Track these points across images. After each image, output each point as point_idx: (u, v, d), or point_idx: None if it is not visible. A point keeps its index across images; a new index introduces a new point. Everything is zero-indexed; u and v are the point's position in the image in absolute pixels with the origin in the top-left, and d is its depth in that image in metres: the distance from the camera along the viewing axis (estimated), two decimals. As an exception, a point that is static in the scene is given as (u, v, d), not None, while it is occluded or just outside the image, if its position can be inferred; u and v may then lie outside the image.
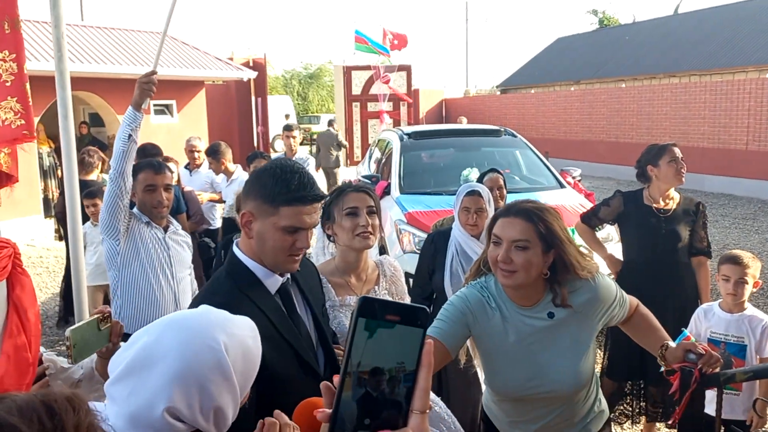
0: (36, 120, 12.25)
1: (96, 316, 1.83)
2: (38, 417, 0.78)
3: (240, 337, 1.22)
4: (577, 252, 2.07)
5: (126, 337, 3.31)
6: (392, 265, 2.75)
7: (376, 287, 2.63)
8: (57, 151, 12.80)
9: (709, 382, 2.22)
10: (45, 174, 12.84)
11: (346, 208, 2.48)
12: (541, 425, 2.15)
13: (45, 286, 7.81)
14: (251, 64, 18.20)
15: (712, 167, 14.57)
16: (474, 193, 3.43)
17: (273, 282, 1.85)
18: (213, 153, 6.19)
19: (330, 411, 0.77)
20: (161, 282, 3.34)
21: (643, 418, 3.98)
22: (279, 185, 1.75)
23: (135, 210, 3.38)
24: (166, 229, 3.46)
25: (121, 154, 3.13)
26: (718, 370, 2.17)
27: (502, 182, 4.10)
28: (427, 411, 0.79)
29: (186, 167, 6.79)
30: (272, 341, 1.73)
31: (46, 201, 12.60)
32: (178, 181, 5.73)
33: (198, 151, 6.54)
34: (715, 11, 23.11)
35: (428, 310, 0.79)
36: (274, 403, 1.72)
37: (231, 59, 17.24)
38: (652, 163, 3.80)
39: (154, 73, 3.32)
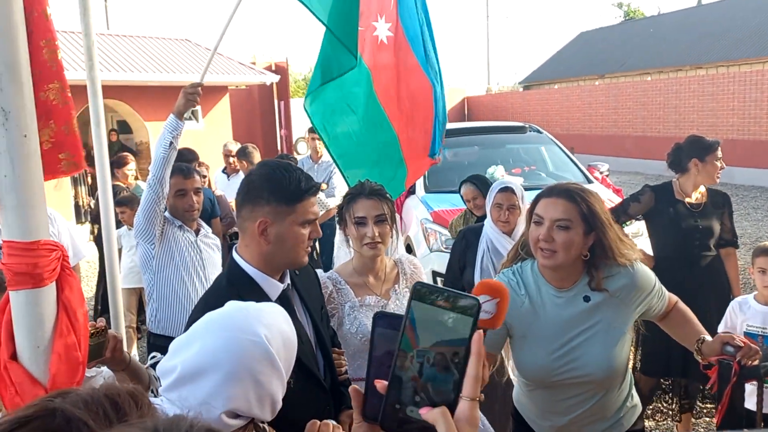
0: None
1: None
2: (104, 410, 0.80)
3: (277, 325, 1.26)
4: (618, 237, 2.08)
5: (161, 338, 3.36)
6: (412, 264, 2.73)
7: (396, 286, 2.61)
8: (87, 157, 13.02)
9: (749, 375, 2.19)
10: (75, 181, 13.08)
11: (354, 217, 2.48)
12: (573, 417, 2.13)
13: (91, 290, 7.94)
14: (273, 68, 18.31)
15: (742, 159, 14.31)
16: (507, 190, 3.42)
17: (273, 288, 1.86)
18: (241, 154, 6.39)
19: (386, 382, 0.82)
20: (195, 284, 3.38)
21: (685, 416, 3.91)
22: (291, 185, 1.80)
23: (167, 214, 3.43)
24: (197, 233, 3.51)
25: (162, 161, 3.16)
26: (757, 362, 2.15)
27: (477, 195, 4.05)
28: (477, 399, 0.81)
29: (223, 171, 6.90)
30: None
31: (77, 207, 12.84)
32: (209, 184, 5.83)
33: (234, 156, 6.62)
34: (740, 0, 22.70)
35: (479, 300, 0.83)
36: None
37: (253, 64, 17.37)
38: (698, 157, 3.72)
39: (200, 84, 3.37)
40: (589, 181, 6.65)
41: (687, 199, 3.75)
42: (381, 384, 0.82)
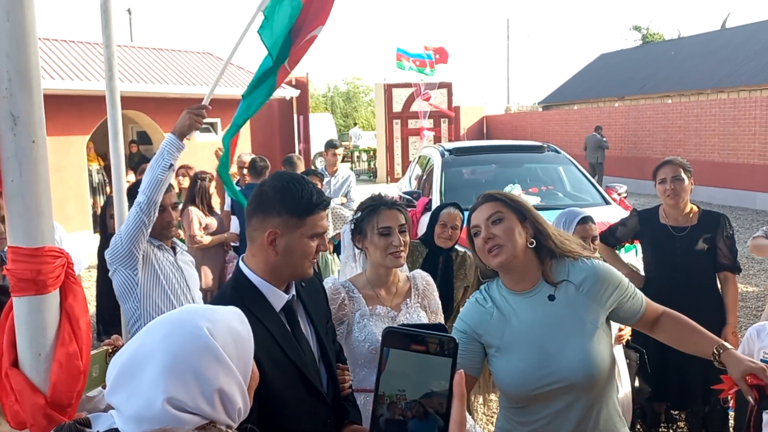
0: (86, 138, 12.66)
1: (105, 348, 1.77)
2: None
3: (224, 321, 1.21)
4: (552, 227, 2.17)
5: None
6: (425, 279, 2.73)
7: (408, 300, 2.62)
8: (106, 168, 13.23)
9: (766, 406, 2.12)
10: (94, 191, 13.25)
11: (379, 228, 2.50)
12: None
13: (94, 300, 7.98)
14: (293, 82, 18.45)
15: (763, 184, 14.13)
16: (588, 221, 3.22)
17: (278, 299, 1.85)
18: (286, 163, 6.61)
19: None
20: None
21: None
22: (304, 198, 1.81)
23: None
24: (174, 251, 3.34)
25: (158, 183, 2.93)
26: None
27: (459, 221, 3.81)
28: None
29: (237, 184, 6.88)
30: (275, 359, 1.75)
31: (96, 217, 12.97)
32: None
33: (248, 167, 6.59)
34: (764, 25, 22.55)
35: (456, 340, 0.83)
36: (276, 420, 1.72)
37: (274, 78, 17.49)
38: (655, 182, 3.81)
39: (206, 107, 3.21)
40: (607, 203, 6.58)
41: (671, 223, 3.72)
42: None
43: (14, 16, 1.35)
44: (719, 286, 3.76)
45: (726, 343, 2.08)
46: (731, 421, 3.78)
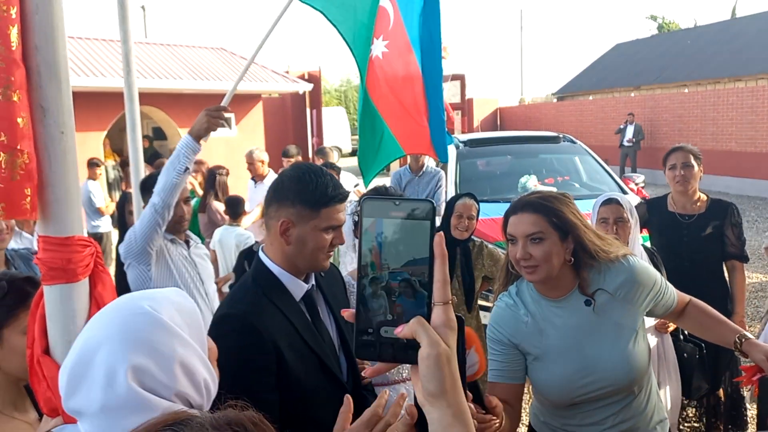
0: (103, 134, 12.77)
1: None
2: None
3: (163, 299, 1.17)
4: (595, 235, 2.04)
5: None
6: None
7: None
8: (122, 164, 13.33)
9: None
10: (110, 186, 13.36)
11: None
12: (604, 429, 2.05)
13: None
14: (306, 77, 18.48)
15: (782, 173, 13.99)
16: (612, 202, 3.19)
17: (298, 288, 1.87)
18: (319, 153, 6.63)
19: (353, 310, 0.80)
20: (198, 302, 3.19)
21: None
22: (319, 189, 1.81)
23: None
24: (187, 245, 3.36)
25: (174, 187, 2.92)
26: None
27: (474, 211, 3.80)
28: (450, 302, 0.79)
29: (252, 179, 6.86)
30: (296, 348, 1.77)
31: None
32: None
33: (261, 161, 6.56)
34: (782, 12, 22.21)
35: (433, 202, 0.81)
36: (298, 409, 1.74)
37: (287, 72, 17.55)
38: (664, 170, 3.78)
39: (225, 108, 3.12)
40: (624, 193, 6.54)
41: (679, 211, 3.72)
42: (348, 312, 0.81)
43: (42, 9, 1.38)
44: (726, 274, 3.74)
45: (747, 333, 2.09)
46: (750, 412, 3.76)
